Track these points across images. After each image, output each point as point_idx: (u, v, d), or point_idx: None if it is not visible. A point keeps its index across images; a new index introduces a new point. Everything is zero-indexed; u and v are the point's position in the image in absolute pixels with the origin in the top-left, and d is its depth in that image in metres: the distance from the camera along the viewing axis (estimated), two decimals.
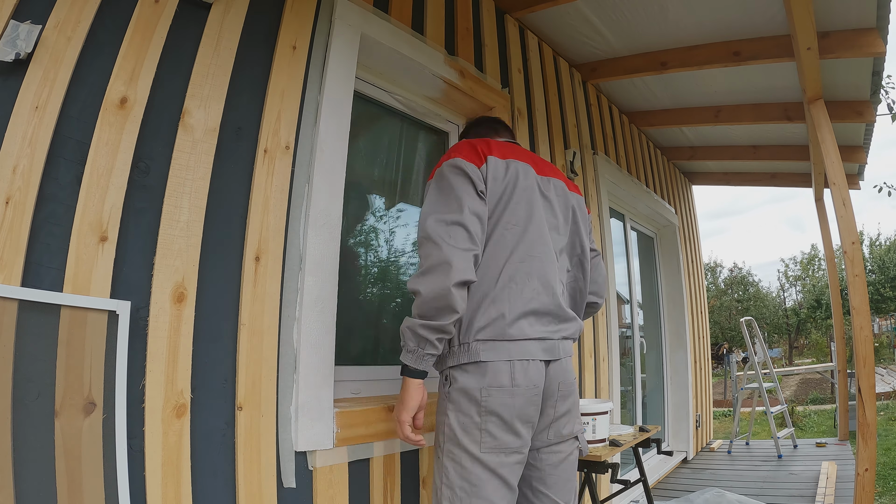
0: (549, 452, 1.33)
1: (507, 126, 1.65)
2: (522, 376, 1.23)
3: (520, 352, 1.24)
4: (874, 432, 2.51)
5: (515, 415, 1.22)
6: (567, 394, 1.34)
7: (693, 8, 2.63)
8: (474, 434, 1.21)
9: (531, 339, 1.26)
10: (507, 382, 1.22)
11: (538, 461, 1.32)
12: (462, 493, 1.19)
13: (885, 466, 4.75)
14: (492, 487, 1.19)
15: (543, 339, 1.29)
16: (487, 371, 1.22)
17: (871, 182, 39.33)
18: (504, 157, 1.35)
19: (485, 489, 1.19)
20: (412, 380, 1.23)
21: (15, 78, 1.02)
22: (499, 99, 2.36)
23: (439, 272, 1.16)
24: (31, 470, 0.95)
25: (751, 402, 5.91)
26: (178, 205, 1.23)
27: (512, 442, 1.22)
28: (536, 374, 1.26)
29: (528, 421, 1.25)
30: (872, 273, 20.08)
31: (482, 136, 1.55)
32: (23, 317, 0.97)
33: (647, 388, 4.28)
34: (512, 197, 1.32)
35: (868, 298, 2.69)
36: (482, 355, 1.22)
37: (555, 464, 1.33)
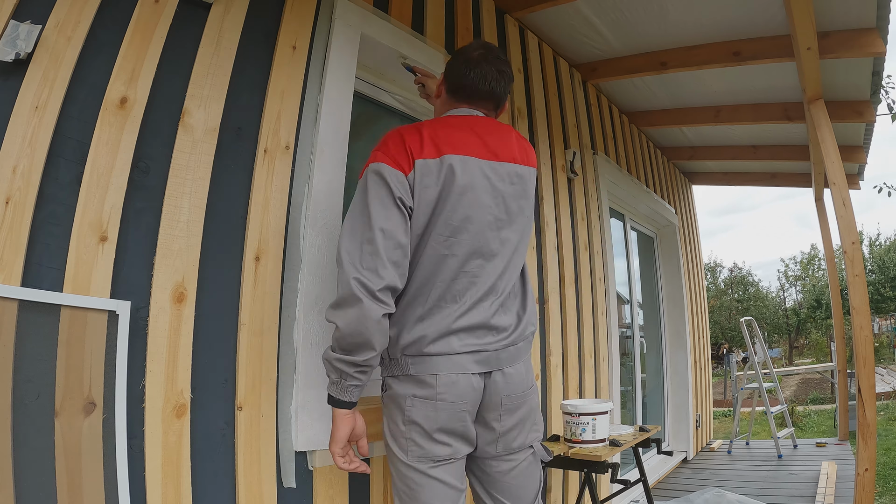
0: (499, 461, 1.26)
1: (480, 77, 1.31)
2: (447, 390, 1.15)
3: (449, 366, 1.16)
4: (874, 432, 2.51)
5: (438, 428, 1.16)
6: (514, 407, 1.24)
7: (693, 8, 2.63)
8: (401, 442, 1.18)
9: (461, 353, 1.18)
10: (432, 395, 1.15)
11: (489, 468, 1.26)
12: (405, 496, 1.18)
13: (885, 466, 4.75)
14: (430, 491, 1.16)
15: (477, 351, 1.19)
16: (414, 382, 1.17)
17: (871, 182, 39.31)
18: (439, 154, 1.17)
19: (423, 493, 1.16)
20: (340, 410, 1.16)
21: (15, 78, 1.02)
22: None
23: (355, 307, 1.07)
24: (31, 470, 0.95)
25: (751, 402, 5.91)
26: (178, 205, 1.23)
27: (439, 451, 1.17)
28: (466, 389, 1.17)
29: (453, 433, 1.18)
30: (872, 273, 20.08)
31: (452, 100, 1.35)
32: (23, 317, 0.97)
33: (647, 388, 4.28)
34: (446, 203, 1.17)
35: (868, 298, 2.69)
36: (411, 369, 1.17)
37: (505, 471, 1.26)
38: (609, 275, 3.16)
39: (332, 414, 1.17)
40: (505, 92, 1.36)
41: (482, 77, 1.30)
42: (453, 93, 1.35)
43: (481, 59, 1.31)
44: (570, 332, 2.64)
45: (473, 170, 1.21)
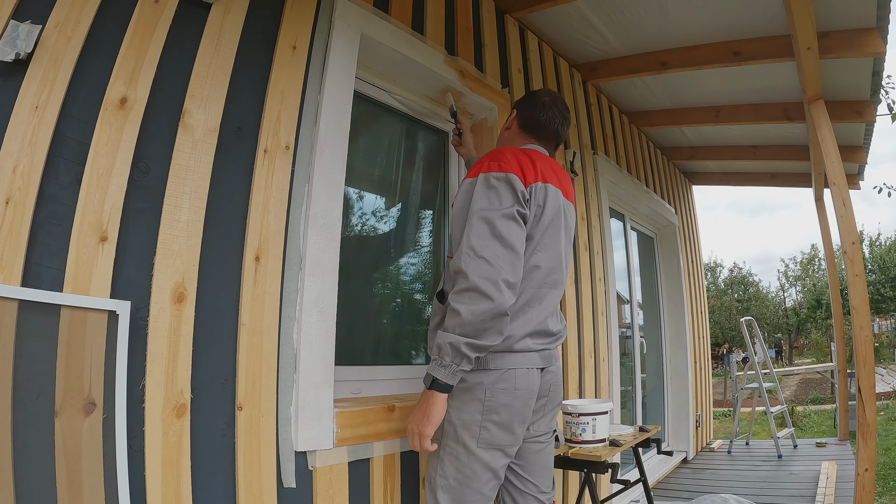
0: (531, 443, 1.46)
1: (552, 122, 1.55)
2: (523, 381, 1.34)
3: (524, 361, 1.35)
4: (874, 432, 2.51)
5: (514, 415, 1.33)
6: (555, 396, 1.49)
7: (693, 8, 2.63)
8: (474, 430, 1.30)
9: (533, 350, 1.37)
10: (511, 386, 1.31)
11: (522, 450, 1.45)
12: (455, 484, 1.30)
13: (885, 466, 4.75)
14: (484, 479, 1.31)
15: (542, 349, 1.40)
16: (493, 374, 1.31)
17: (871, 182, 39.33)
18: (545, 181, 1.38)
19: (477, 481, 1.31)
20: (440, 394, 1.24)
21: (15, 78, 1.02)
22: (499, 99, 2.36)
23: (490, 297, 1.19)
24: (31, 470, 0.95)
25: (751, 402, 5.91)
26: (178, 205, 1.23)
27: (506, 440, 1.33)
28: (534, 380, 1.37)
29: (523, 421, 1.36)
30: (872, 273, 20.08)
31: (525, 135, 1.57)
32: (23, 317, 0.97)
33: (647, 388, 4.28)
34: (542, 222, 1.37)
35: (868, 298, 2.69)
36: (490, 364, 1.32)
37: (536, 451, 1.47)
38: (609, 275, 3.16)
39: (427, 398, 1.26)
40: (565, 135, 1.60)
41: (552, 120, 1.54)
42: (526, 129, 1.57)
43: (552, 104, 1.55)
44: (570, 333, 2.64)
45: (559, 201, 1.43)
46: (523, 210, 1.31)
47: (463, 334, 1.20)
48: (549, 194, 1.38)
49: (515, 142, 1.57)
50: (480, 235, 1.25)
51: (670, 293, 4.65)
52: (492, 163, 1.34)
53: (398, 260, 2.15)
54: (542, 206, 1.36)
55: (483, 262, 1.21)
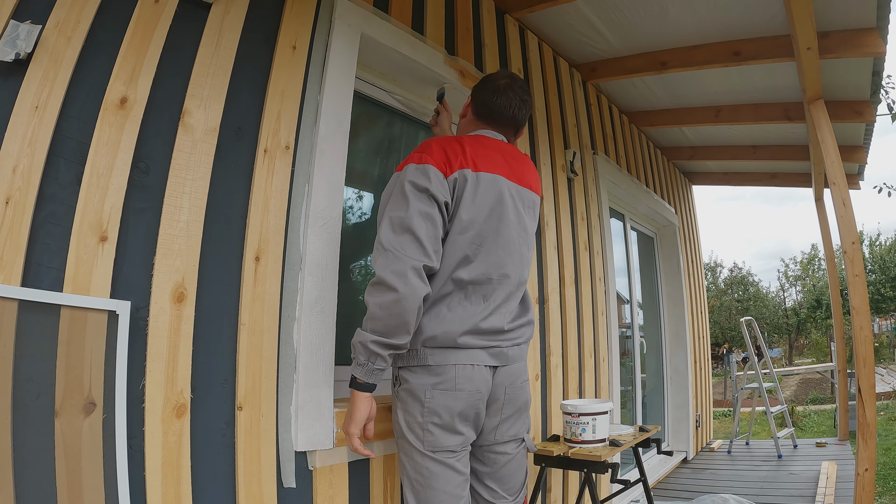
0: (495, 453, 1.39)
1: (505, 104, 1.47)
2: (465, 381, 1.28)
3: (466, 357, 1.28)
4: (874, 432, 2.51)
5: (456, 415, 1.27)
6: (513, 398, 1.39)
7: (693, 8, 2.63)
8: (417, 432, 1.27)
9: (478, 347, 1.30)
10: (451, 386, 1.26)
11: (486, 459, 1.40)
12: (417, 485, 1.29)
13: (885, 466, 4.76)
14: (443, 478, 1.27)
15: (489, 346, 1.32)
16: (433, 374, 1.27)
17: (871, 182, 39.25)
18: (476, 169, 1.31)
19: (436, 480, 1.27)
20: (360, 393, 1.24)
21: (15, 78, 1.02)
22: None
23: (394, 288, 1.16)
24: (31, 470, 0.95)
25: (751, 402, 5.91)
26: (178, 205, 1.23)
27: (451, 441, 1.28)
28: (480, 380, 1.30)
29: (467, 420, 1.30)
30: (872, 273, 20.07)
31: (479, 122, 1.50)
32: (23, 317, 0.97)
33: (647, 388, 4.28)
34: (478, 214, 1.31)
35: (868, 298, 2.69)
36: (429, 360, 1.27)
37: (502, 463, 1.40)
38: (609, 275, 3.16)
39: (351, 398, 1.26)
40: (524, 119, 1.51)
41: (507, 104, 1.46)
42: (479, 115, 1.49)
43: (507, 87, 1.46)
44: (570, 332, 2.64)
45: (500, 187, 1.35)
46: (440, 198, 1.25)
47: (372, 331, 1.19)
48: (480, 182, 1.30)
49: (469, 129, 1.51)
50: (389, 231, 1.22)
51: (670, 293, 4.64)
52: (416, 154, 1.31)
53: None
54: (474, 194, 1.29)
55: (390, 254, 1.19)
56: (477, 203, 1.30)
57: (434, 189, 1.24)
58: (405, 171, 1.27)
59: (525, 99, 1.48)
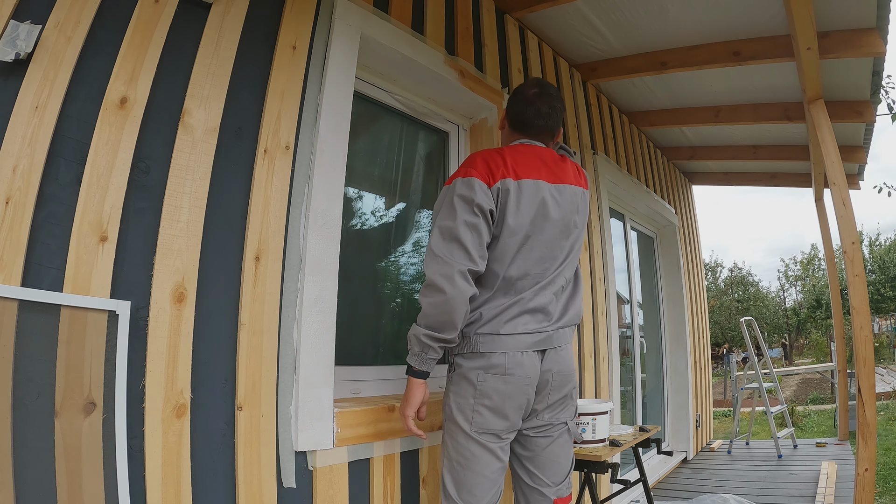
0: (539, 436, 1.45)
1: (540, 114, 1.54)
2: (515, 366, 1.36)
3: (514, 345, 1.37)
4: (874, 432, 2.51)
5: (506, 399, 1.36)
6: (562, 383, 1.45)
7: (693, 8, 2.63)
8: (467, 413, 1.36)
9: (524, 333, 1.39)
10: (502, 370, 1.36)
11: (529, 443, 1.46)
12: (458, 466, 1.37)
13: (885, 466, 4.76)
14: (483, 462, 1.36)
15: (536, 332, 1.40)
16: (485, 359, 1.37)
17: (871, 182, 39.23)
18: (517, 178, 1.41)
19: (477, 463, 1.35)
20: (415, 379, 1.38)
21: (15, 78, 1.02)
22: (499, 99, 2.36)
23: (443, 290, 1.29)
24: (31, 470, 0.95)
25: (751, 402, 5.91)
26: (178, 205, 1.23)
27: (499, 425, 1.37)
28: (530, 365, 1.38)
29: (518, 406, 1.38)
30: (872, 273, 20.07)
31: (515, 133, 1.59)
32: (23, 317, 0.97)
33: (647, 388, 4.28)
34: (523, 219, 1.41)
35: (868, 298, 2.69)
36: (481, 347, 1.37)
37: (543, 446, 1.46)
38: (609, 275, 3.16)
39: (407, 384, 1.40)
40: (557, 124, 1.59)
41: (537, 114, 1.54)
42: (514, 127, 1.59)
43: (535, 97, 1.55)
44: None
45: (541, 191, 1.44)
46: (485, 207, 1.36)
47: (425, 326, 1.33)
48: (522, 189, 1.41)
49: (509, 139, 1.61)
50: (439, 239, 1.35)
51: (670, 293, 4.64)
52: (463, 168, 1.43)
53: (398, 260, 2.15)
54: (518, 200, 1.40)
55: (439, 259, 1.32)
56: (521, 210, 1.40)
57: (479, 199, 1.36)
58: (454, 185, 1.40)
59: (554, 105, 1.57)
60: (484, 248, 1.37)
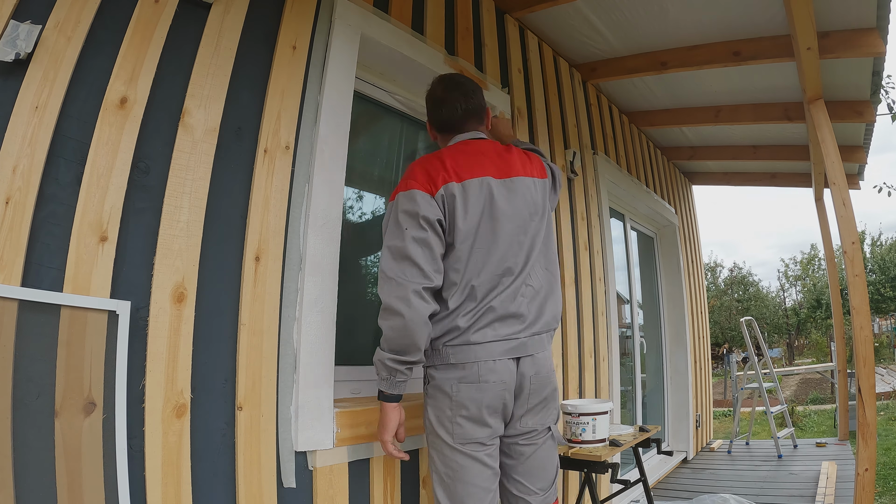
0: (521, 444, 1.41)
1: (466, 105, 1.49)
2: (489, 373, 1.32)
3: (485, 353, 1.33)
4: (874, 432, 2.51)
5: (484, 406, 1.32)
6: (539, 388, 1.40)
7: (693, 8, 2.63)
8: (447, 426, 1.33)
9: (495, 340, 1.34)
10: (475, 378, 1.32)
11: (512, 451, 1.41)
12: (447, 479, 1.33)
13: (885, 466, 4.75)
14: (472, 471, 1.32)
15: (508, 339, 1.35)
16: (457, 369, 1.33)
17: (871, 182, 39.16)
18: (460, 179, 1.36)
19: (466, 473, 1.31)
20: (388, 404, 1.34)
21: (15, 78, 1.02)
22: (498, 99, 2.36)
23: (400, 313, 1.25)
24: (31, 470, 0.95)
25: (751, 402, 5.91)
26: (178, 205, 1.23)
27: (480, 433, 1.33)
28: (504, 370, 1.34)
29: (495, 411, 1.34)
30: (872, 273, 20.07)
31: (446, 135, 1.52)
32: (23, 317, 0.97)
33: (647, 388, 4.28)
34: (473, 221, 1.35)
35: (868, 298, 2.69)
36: (451, 358, 1.33)
37: (528, 454, 1.41)
38: (609, 275, 3.16)
39: (380, 409, 1.35)
40: (477, 105, 1.52)
41: (453, 109, 1.49)
42: (441, 130, 1.54)
43: (445, 93, 1.50)
44: (570, 332, 2.64)
45: (485, 189, 1.38)
46: (432, 218, 1.31)
47: (389, 350, 1.29)
48: (468, 190, 1.35)
49: (444, 143, 1.54)
50: (390, 260, 1.30)
51: (670, 293, 4.64)
52: (402, 182, 1.38)
53: None
54: (465, 203, 1.34)
55: (392, 282, 1.27)
56: (470, 212, 1.35)
57: (423, 211, 1.30)
58: (396, 201, 1.35)
59: (468, 90, 1.50)
60: (437, 262, 1.32)
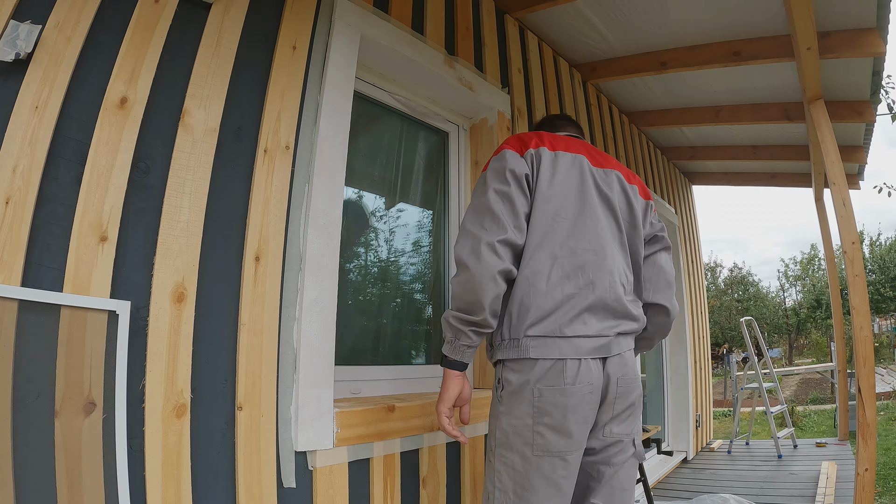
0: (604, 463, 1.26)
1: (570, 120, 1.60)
2: (575, 375, 1.17)
3: (572, 350, 1.18)
4: (874, 432, 2.51)
5: (569, 414, 1.16)
6: (626, 391, 1.26)
7: (693, 8, 2.63)
8: (527, 436, 1.17)
9: (584, 336, 1.20)
10: (560, 381, 1.16)
11: (594, 470, 1.26)
12: (515, 498, 1.17)
13: (885, 466, 4.76)
14: (543, 494, 1.16)
15: (597, 336, 1.22)
16: (538, 369, 1.18)
17: (871, 182, 39.21)
18: (554, 149, 1.31)
19: (536, 496, 1.16)
20: (451, 371, 1.23)
21: (15, 78, 1.02)
22: (498, 99, 2.35)
23: (468, 266, 1.16)
24: (31, 470, 0.95)
25: (751, 402, 5.91)
26: (178, 205, 1.23)
27: (564, 444, 1.17)
28: (592, 373, 1.19)
29: (583, 420, 1.19)
30: (872, 273, 20.07)
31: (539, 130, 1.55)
32: (23, 317, 0.97)
33: (647, 388, 4.28)
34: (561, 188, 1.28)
35: (868, 298, 2.69)
36: (531, 352, 1.18)
37: (609, 475, 1.25)
38: None
39: (443, 377, 1.24)
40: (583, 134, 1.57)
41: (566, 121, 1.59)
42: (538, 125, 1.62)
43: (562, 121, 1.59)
44: None
45: (584, 166, 1.33)
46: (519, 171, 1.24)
47: (455, 308, 1.19)
48: (559, 159, 1.29)
49: None
50: (471, 215, 1.24)
51: None
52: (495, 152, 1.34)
53: (398, 260, 2.15)
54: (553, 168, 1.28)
55: (469, 235, 1.20)
56: (557, 178, 1.27)
57: (511, 165, 1.24)
58: (488, 168, 1.31)
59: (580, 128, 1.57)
60: (519, 218, 1.22)
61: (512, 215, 1.21)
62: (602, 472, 1.25)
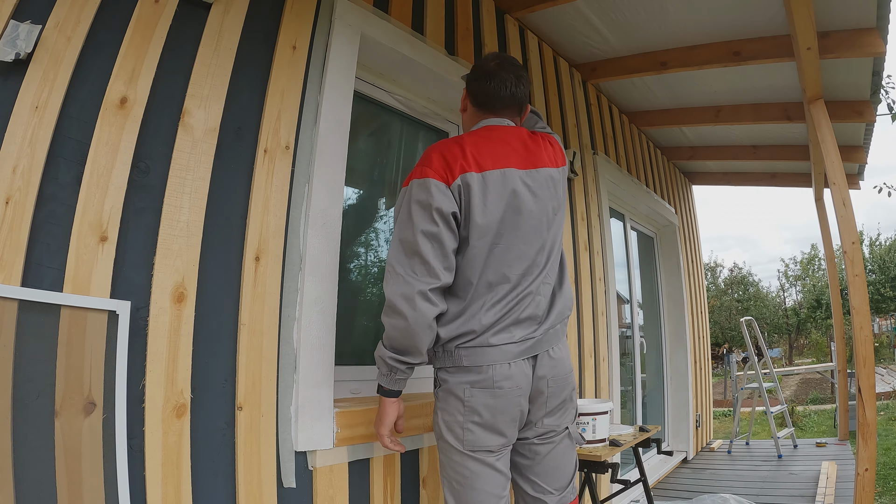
0: (537, 444, 1.36)
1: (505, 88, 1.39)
2: (504, 379, 1.26)
3: (501, 356, 1.26)
4: (874, 432, 2.51)
5: (497, 414, 1.26)
6: (558, 390, 1.34)
7: (693, 8, 2.63)
8: (457, 432, 1.27)
9: (511, 343, 1.28)
10: (490, 384, 1.25)
11: (528, 451, 1.36)
12: (458, 486, 1.28)
13: (885, 466, 4.75)
14: (484, 478, 1.27)
15: (523, 339, 1.29)
16: (471, 372, 1.27)
17: (871, 182, 39.21)
18: (480, 169, 1.27)
19: (477, 481, 1.26)
20: (387, 399, 1.32)
21: (15, 78, 1.02)
22: None
23: (403, 314, 1.20)
24: (31, 470, 0.95)
25: (751, 402, 5.91)
26: (178, 205, 1.23)
27: (492, 441, 1.27)
28: (520, 375, 1.28)
29: (511, 420, 1.28)
30: (872, 273, 20.06)
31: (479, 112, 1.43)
32: (23, 317, 0.97)
33: (647, 388, 4.28)
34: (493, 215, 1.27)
35: (868, 298, 2.69)
36: (464, 360, 1.27)
37: (544, 454, 1.36)
38: (609, 275, 3.16)
39: (379, 403, 1.33)
40: (525, 95, 1.44)
41: (502, 85, 1.39)
42: (478, 105, 1.44)
43: (498, 68, 1.40)
44: (570, 332, 2.64)
45: (514, 181, 1.30)
46: (446, 210, 1.22)
47: (390, 348, 1.25)
48: (488, 181, 1.26)
49: (472, 122, 1.45)
50: (399, 253, 1.24)
51: (670, 293, 4.64)
52: (418, 168, 1.29)
53: None
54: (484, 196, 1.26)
55: (399, 278, 1.21)
56: (489, 206, 1.27)
57: (437, 202, 1.22)
58: (410, 188, 1.27)
59: (520, 75, 1.41)
60: (449, 258, 1.24)
61: (442, 257, 1.23)
62: (537, 451, 1.36)
